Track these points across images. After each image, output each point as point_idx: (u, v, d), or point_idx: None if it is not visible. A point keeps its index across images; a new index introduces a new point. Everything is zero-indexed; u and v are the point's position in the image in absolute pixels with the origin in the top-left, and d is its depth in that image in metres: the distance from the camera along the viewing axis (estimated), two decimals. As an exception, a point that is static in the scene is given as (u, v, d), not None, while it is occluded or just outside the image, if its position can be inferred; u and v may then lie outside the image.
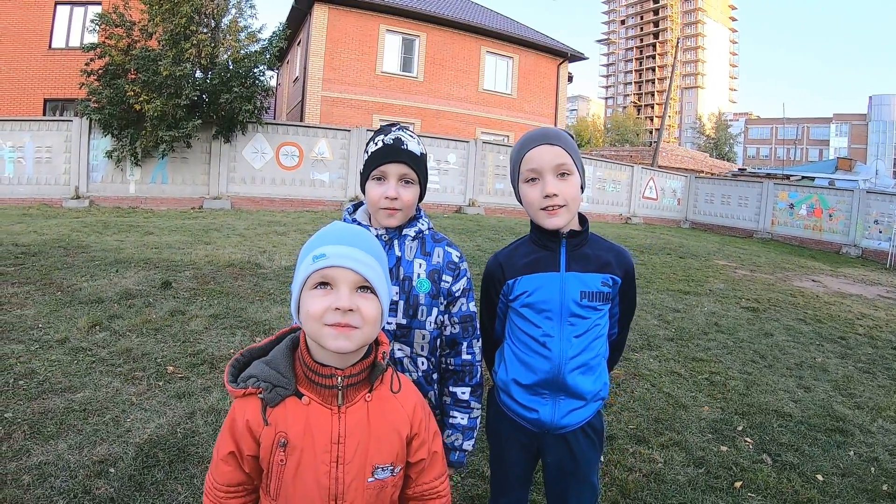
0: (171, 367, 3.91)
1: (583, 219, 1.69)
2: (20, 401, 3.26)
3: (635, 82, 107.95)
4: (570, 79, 25.19)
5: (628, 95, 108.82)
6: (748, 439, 3.64)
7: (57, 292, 5.48)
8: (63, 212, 11.48)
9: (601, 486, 2.91)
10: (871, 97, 75.18)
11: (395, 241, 1.60)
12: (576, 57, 24.27)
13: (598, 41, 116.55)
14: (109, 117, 12.13)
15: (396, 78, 20.31)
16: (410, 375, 1.58)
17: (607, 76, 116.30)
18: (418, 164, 1.59)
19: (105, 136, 12.68)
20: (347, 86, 19.33)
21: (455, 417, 1.66)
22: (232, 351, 4.32)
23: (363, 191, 1.62)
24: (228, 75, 12.74)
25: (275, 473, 1.16)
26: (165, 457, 2.78)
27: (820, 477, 3.23)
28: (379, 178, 1.56)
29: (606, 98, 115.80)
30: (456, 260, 1.66)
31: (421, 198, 1.64)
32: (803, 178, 25.73)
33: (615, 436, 3.49)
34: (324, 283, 1.13)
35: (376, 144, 1.58)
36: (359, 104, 19.54)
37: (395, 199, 1.54)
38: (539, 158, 1.57)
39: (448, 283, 1.63)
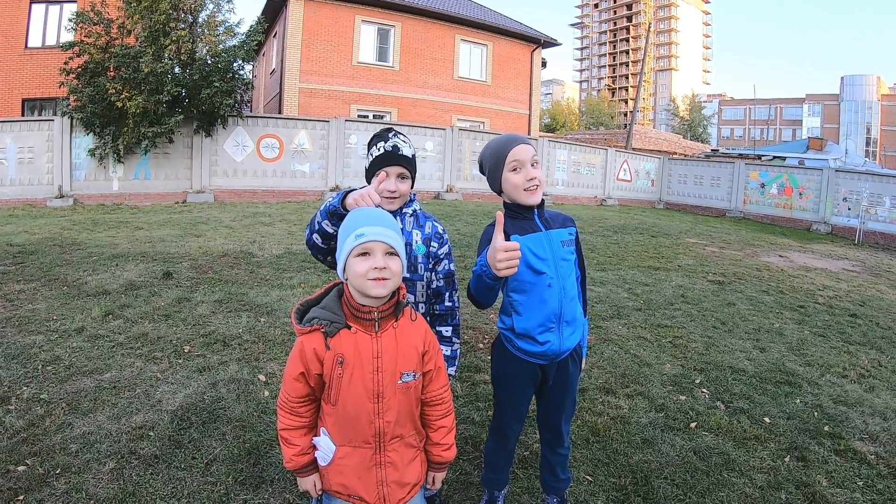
0: (188, 347, 4.28)
1: None
2: (52, 384, 3.57)
3: (609, 65, 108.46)
4: (544, 64, 25.58)
5: (602, 79, 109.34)
6: (704, 390, 4.13)
7: (63, 287, 5.77)
8: (49, 211, 11.62)
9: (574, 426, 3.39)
10: (842, 77, 76.25)
11: (398, 217, 2.13)
12: (549, 43, 24.64)
13: (572, 25, 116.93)
14: (91, 115, 12.23)
15: (373, 68, 20.55)
16: None
17: (581, 60, 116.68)
18: (411, 164, 2.16)
19: (87, 134, 12.77)
20: (324, 77, 19.54)
21: (451, 345, 2.22)
22: (241, 331, 4.71)
23: (368, 183, 2.15)
24: (208, 70, 12.92)
25: (334, 384, 1.63)
26: (198, 419, 3.18)
27: (767, 419, 3.71)
28: (384, 175, 2.07)
29: (581, 82, 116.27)
30: (441, 231, 2.26)
31: (412, 186, 2.18)
32: (774, 157, 26.45)
33: (586, 388, 3.96)
34: (364, 253, 1.62)
35: (379, 150, 2.11)
36: (336, 95, 19.77)
37: (394, 191, 2.11)
38: (522, 153, 2.14)
39: (436, 248, 2.21)
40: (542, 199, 2.20)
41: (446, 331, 2.24)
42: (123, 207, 12.63)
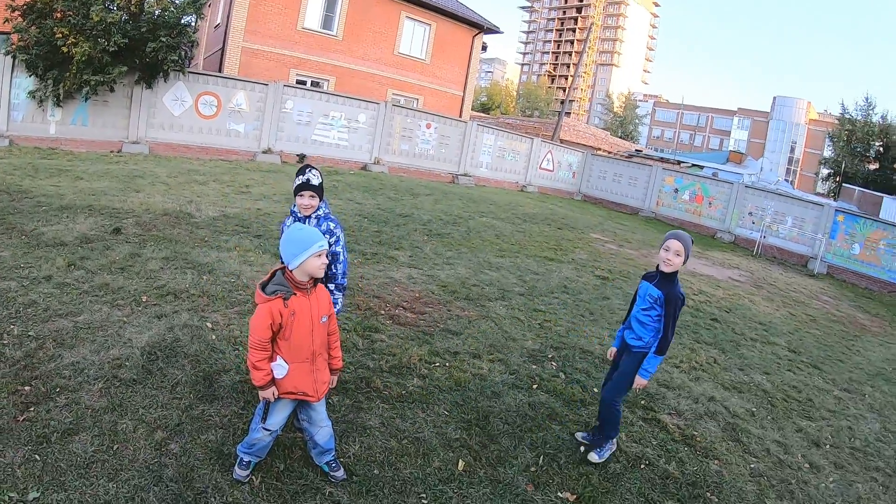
0: (145, 297, 5.15)
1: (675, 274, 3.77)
2: (35, 323, 4.29)
3: (553, 52, 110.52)
4: (485, 48, 26.58)
5: (544, 64, 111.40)
6: (553, 363, 5.40)
7: (21, 236, 6.26)
8: (-17, 150, 11.66)
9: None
10: (775, 97, 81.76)
11: (306, 220, 3.39)
12: (492, 30, 25.62)
13: (522, 7, 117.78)
14: (35, 58, 12.26)
15: (316, 35, 20.95)
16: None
17: (526, 43, 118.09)
18: (318, 189, 3.42)
19: (28, 76, 12.76)
20: (268, 38, 19.81)
21: (334, 295, 3.41)
22: (188, 286, 5.60)
23: (295, 195, 3.42)
24: (155, 23, 13.09)
25: (289, 327, 2.77)
26: (162, 354, 4.15)
27: (595, 390, 4.88)
28: (301, 195, 3.35)
29: (523, 64, 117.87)
30: (332, 228, 3.44)
31: (321, 198, 3.45)
32: (693, 165, 28.62)
33: (458, 352, 5.17)
34: (318, 255, 2.80)
35: (299, 181, 3.37)
36: (278, 58, 20.10)
37: (308, 206, 3.42)
38: (671, 244, 3.67)
39: (328, 238, 3.33)
40: (673, 273, 3.65)
41: (331, 286, 3.45)
42: (59, 152, 12.72)
